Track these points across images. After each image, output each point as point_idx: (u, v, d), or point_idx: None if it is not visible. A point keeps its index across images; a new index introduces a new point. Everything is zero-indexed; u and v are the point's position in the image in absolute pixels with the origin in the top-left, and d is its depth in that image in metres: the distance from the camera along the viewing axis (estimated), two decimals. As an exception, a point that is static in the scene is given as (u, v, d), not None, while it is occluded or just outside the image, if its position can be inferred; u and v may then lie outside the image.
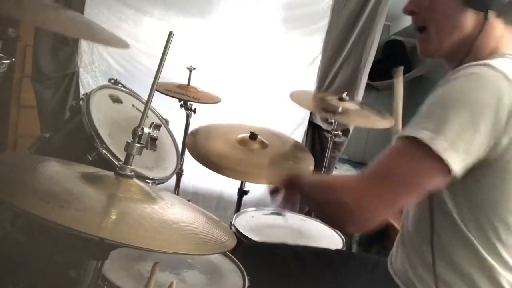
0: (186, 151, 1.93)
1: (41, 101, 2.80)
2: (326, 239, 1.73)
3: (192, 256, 1.23)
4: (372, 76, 3.14)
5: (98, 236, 0.67)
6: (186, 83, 2.32)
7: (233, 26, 2.84)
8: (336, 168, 3.32)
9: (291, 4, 2.89)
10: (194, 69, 2.33)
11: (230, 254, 1.27)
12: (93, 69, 2.85)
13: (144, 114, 0.87)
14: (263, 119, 2.62)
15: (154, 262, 0.92)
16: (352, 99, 2.17)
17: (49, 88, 2.80)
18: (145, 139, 0.87)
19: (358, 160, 4.49)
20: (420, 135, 0.82)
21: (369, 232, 0.89)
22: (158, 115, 1.84)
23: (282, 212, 1.69)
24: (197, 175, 2.71)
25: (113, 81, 1.82)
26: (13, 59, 1.26)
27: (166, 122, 1.88)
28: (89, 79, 2.85)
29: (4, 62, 1.21)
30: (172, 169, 1.72)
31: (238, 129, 1.79)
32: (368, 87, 3.08)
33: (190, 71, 2.33)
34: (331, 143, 2.43)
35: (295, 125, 2.95)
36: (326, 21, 2.88)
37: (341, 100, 2.08)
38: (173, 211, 0.89)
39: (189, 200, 1.11)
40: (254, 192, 2.25)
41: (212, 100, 2.32)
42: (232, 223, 1.70)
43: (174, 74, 2.29)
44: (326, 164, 2.51)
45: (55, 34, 2.72)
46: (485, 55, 0.94)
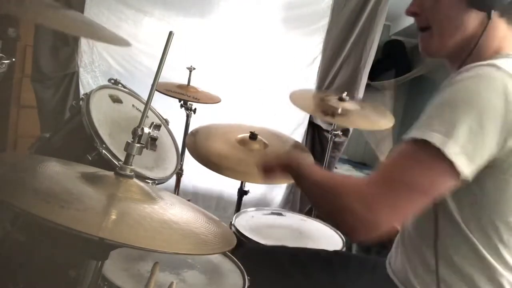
0: (186, 151, 1.93)
1: (41, 101, 2.80)
2: (326, 239, 1.73)
3: (192, 256, 1.23)
4: (372, 76, 3.14)
5: (98, 236, 0.67)
6: (186, 83, 2.32)
7: (233, 26, 2.84)
8: (336, 168, 3.32)
9: (291, 4, 2.89)
10: (194, 69, 2.33)
11: (230, 254, 1.27)
12: (93, 69, 2.85)
13: (144, 114, 0.87)
14: (263, 119, 2.62)
15: (154, 262, 0.92)
16: (352, 98, 2.16)
17: (49, 88, 2.80)
18: (145, 139, 0.87)
19: (358, 160, 4.48)
20: (432, 139, 0.81)
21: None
22: (158, 115, 1.84)
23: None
24: (197, 175, 2.71)
25: (113, 81, 1.82)
26: (13, 59, 1.25)
27: (166, 122, 1.88)
28: (89, 79, 2.85)
29: (4, 62, 1.21)
30: (172, 169, 1.72)
31: (238, 129, 1.79)
32: (368, 87, 3.08)
33: (190, 71, 2.33)
34: (331, 143, 2.43)
35: (295, 125, 2.95)
36: (326, 21, 2.87)
37: (341, 100, 2.07)
38: (173, 211, 0.89)
39: (189, 200, 1.10)
40: (254, 192, 2.25)
41: (212, 100, 2.32)
42: (232, 223, 1.70)
43: (174, 74, 2.29)
44: (326, 164, 2.51)
45: (55, 34, 2.72)
46: (488, 55, 0.93)
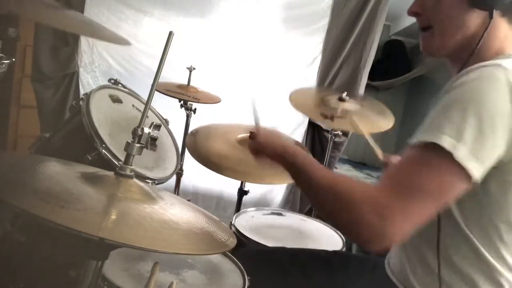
0: (186, 151, 1.93)
1: (41, 101, 2.80)
2: (326, 239, 1.73)
3: (192, 256, 1.23)
4: (372, 76, 3.14)
5: (98, 236, 0.67)
6: (186, 83, 2.32)
7: (233, 26, 2.84)
8: (336, 168, 3.32)
9: (291, 4, 2.89)
10: (194, 69, 2.33)
11: (230, 254, 1.27)
12: (93, 69, 2.85)
13: (144, 114, 0.87)
14: (263, 119, 2.62)
15: (154, 262, 0.92)
16: (353, 96, 2.13)
17: (49, 88, 2.80)
18: (145, 139, 0.87)
19: (358, 160, 4.48)
20: (443, 143, 0.80)
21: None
22: (158, 115, 1.84)
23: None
24: (197, 175, 2.71)
25: (113, 81, 1.82)
26: (13, 59, 1.25)
27: (166, 122, 1.88)
28: (89, 79, 2.85)
29: (4, 62, 1.21)
30: (172, 169, 1.72)
31: (238, 129, 1.79)
32: (368, 87, 3.08)
33: (190, 71, 2.33)
34: (331, 143, 2.43)
35: (295, 125, 2.95)
36: (326, 21, 2.88)
37: (341, 100, 2.06)
38: (173, 211, 0.89)
39: (189, 200, 1.10)
40: (254, 192, 2.25)
41: (212, 100, 2.32)
42: (232, 223, 1.70)
43: (174, 74, 2.29)
44: (326, 164, 2.51)
45: (55, 34, 2.72)
46: (489, 55, 0.93)
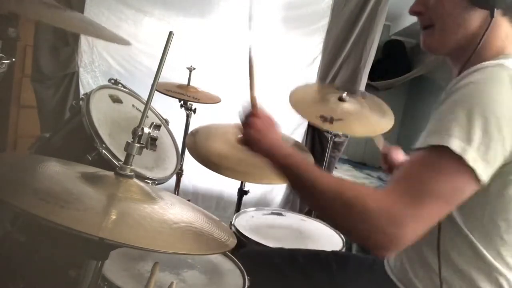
0: (186, 151, 1.93)
1: (41, 101, 2.80)
2: (326, 239, 1.73)
3: (192, 256, 1.23)
4: (372, 76, 3.14)
5: (98, 236, 0.67)
6: (186, 83, 2.32)
7: (233, 26, 2.83)
8: (336, 168, 3.32)
9: (291, 4, 2.89)
10: (194, 69, 2.33)
11: (230, 254, 1.27)
12: (93, 69, 2.85)
13: (144, 114, 0.87)
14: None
15: (154, 262, 0.92)
16: (353, 93, 2.12)
17: (49, 88, 2.80)
18: (145, 139, 0.87)
19: (358, 160, 4.48)
20: (453, 146, 0.79)
21: None
22: (158, 115, 1.84)
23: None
24: (197, 175, 2.71)
25: (113, 81, 1.82)
26: (13, 59, 1.25)
27: (166, 122, 1.88)
28: (89, 79, 2.85)
29: (4, 62, 1.21)
30: (172, 169, 1.72)
31: (238, 129, 1.79)
32: (368, 87, 3.08)
33: (190, 71, 2.33)
34: (331, 143, 2.43)
35: (295, 125, 2.95)
36: (326, 21, 2.87)
37: (340, 100, 2.05)
38: (173, 211, 0.89)
39: (189, 200, 1.10)
40: (254, 192, 2.25)
41: (212, 100, 2.32)
42: (232, 223, 1.70)
43: (174, 74, 2.29)
44: (326, 164, 2.51)
45: (55, 34, 2.72)
46: (491, 55, 0.93)
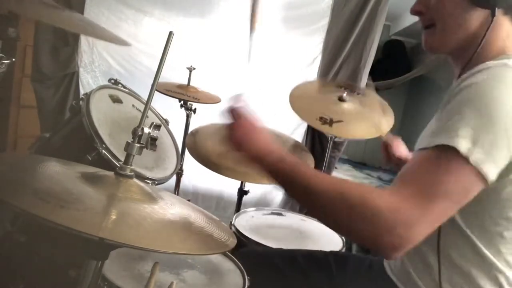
0: (186, 151, 1.93)
1: (41, 101, 2.80)
2: (326, 239, 1.73)
3: (192, 256, 1.23)
4: (372, 76, 3.14)
5: (98, 236, 0.67)
6: (186, 83, 2.32)
7: (233, 26, 2.84)
8: (336, 168, 3.32)
9: (291, 4, 2.89)
10: (194, 69, 2.33)
11: (230, 254, 1.27)
12: (93, 69, 2.85)
13: (144, 114, 0.87)
14: (263, 119, 2.61)
15: (154, 262, 0.92)
16: (354, 91, 2.11)
17: (49, 88, 2.80)
18: (145, 139, 0.87)
19: (358, 160, 4.49)
20: (460, 146, 0.79)
21: None
22: (158, 115, 1.84)
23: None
24: (197, 175, 2.71)
25: (113, 81, 1.81)
26: (13, 59, 1.25)
27: (166, 122, 1.88)
28: (89, 79, 2.85)
29: (4, 62, 1.21)
30: (172, 169, 1.72)
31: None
32: (368, 87, 3.08)
33: (190, 71, 2.33)
34: (331, 143, 2.43)
35: (295, 125, 2.95)
36: (326, 21, 2.87)
37: (341, 100, 2.05)
38: (173, 211, 0.89)
39: (189, 200, 1.10)
40: (254, 192, 2.25)
41: (212, 100, 2.32)
42: (232, 223, 1.70)
43: (174, 74, 2.29)
44: (326, 164, 2.51)
45: (55, 34, 2.72)
46: (492, 54, 0.93)
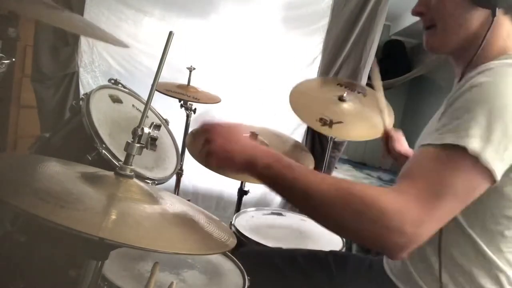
0: (186, 151, 1.93)
1: (41, 101, 2.80)
2: (326, 239, 1.73)
3: (192, 256, 1.23)
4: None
5: (98, 236, 0.67)
6: (186, 83, 2.32)
7: (233, 26, 2.84)
8: (336, 168, 3.32)
9: (291, 4, 2.89)
10: (194, 69, 2.33)
11: (230, 254, 1.27)
12: (93, 69, 2.85)
13: (144, 114, 0.87)
14: (263, 119, 2.62)
15: (154, 262, 0.92)
16: (354, 90, 2.11)
17: (49, 88, 2.80)
18: (145, 139, 0.87)
19: (358, 160, 4.49)
20: (471, 146, 0.79)
21: None
22: (158, 115, 1.84)
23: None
24: (197, 175, 2.71)
25: (113, 81, 1.82)
26: (13, 59, 1.25)
27: (166, 122, 1.88)
28: (89, 79, 2.85)
29: (4, 62, 1.21)
30: (172, 169, 1.72)
31: (238, 129, 1.78)
32: (368, 87, 3.08)
33: (190, 71, 2.33)
34: (331, 143, 2.42)
35: (295, 125, 2.95)
36: (326, 21, 2.87)
37: (341, 100, 2.05)
38: (173, 211, 0.89)
39: (189, 200, 1.10)
40: (254, 192, 2.24)
41: (212, 100, 2.32)
42: (232, 223, 1.70)
43: (174, 74, 2.29)
44: (326, 164, 2.51)
45: (55, 34, 2.72)
46: (493, 54, 0.93)
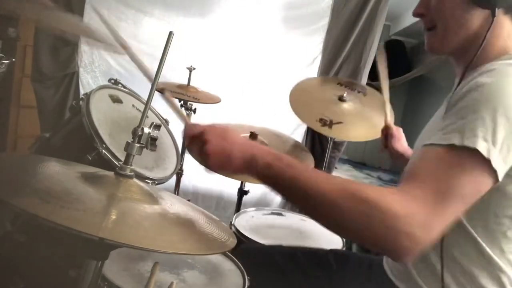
0: (186, 151, 1.93)
1: (41, 101, 2.80)
2: (326, 239, 1.73)
3: (192, 256, 1.23)
4: (372, 76, 3.14)
5: (98, 236, 0.67)
6: (186, 83, 2.32)
7: (233, 26, 2.84)
8: (336, 168, 3.32)
9: (291, 4, 2.89)
10: (194, 69, 2.33)
11: (230, 254, 1.27)
12: (93, 69, 2.85)
13: (144, 114, 0.87)
14: (263, 119, 2.62)
15: (154, 262, 0.92)
16: (354, 89, 2.11)
17: (49, 88, 2.80)
18: (145, 139, 0.87)
19: (358, 160, 4.49)
20: (479, 147, 0.79)
21: None
22: (158, 115, 1.84)
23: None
24: (197, 175, 2.71)
25: (113, 81, 1.82)
26: (13, 59, 1.26)
27: (166, 122, 1.88)
28: (89, 79, 2.85)
29: (4, 62, 1.21)
30: (172, 169, 1.72)
31: (238, 129, 1.79)
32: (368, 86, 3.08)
33: (190, 71, 2.32)
34: (331, 143, 2.43)
35: (295, 125, 2.95)
36: (326, 21, 2.87)
37: (341, 100, 2.05)
38: (173, 211, 0.89)
39: (189, 200, 1.10)
40: (254, 192, 2.24)
41: (212, 100, 2.32)
42: (232, 223, 1.70)
43: (174, 74, 2.29)
44: (326, 164, 2.51)
45: (55, 34, 2.72)
46: (493, 54, 0.93)
